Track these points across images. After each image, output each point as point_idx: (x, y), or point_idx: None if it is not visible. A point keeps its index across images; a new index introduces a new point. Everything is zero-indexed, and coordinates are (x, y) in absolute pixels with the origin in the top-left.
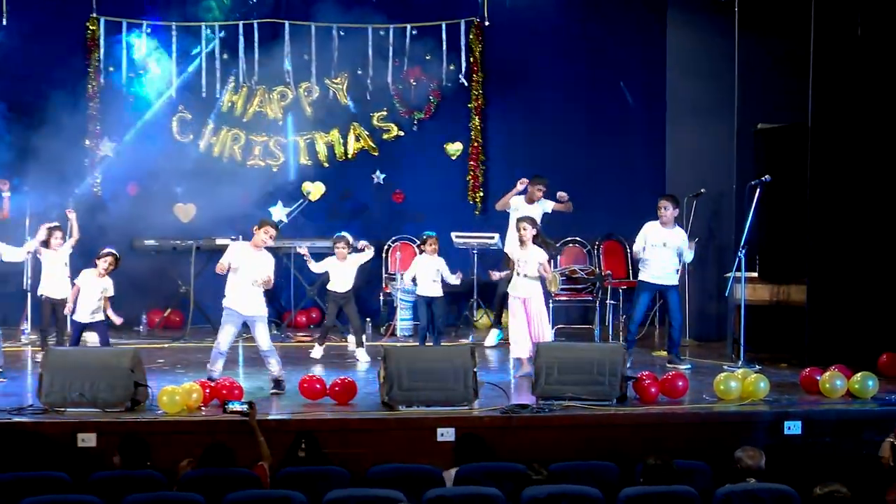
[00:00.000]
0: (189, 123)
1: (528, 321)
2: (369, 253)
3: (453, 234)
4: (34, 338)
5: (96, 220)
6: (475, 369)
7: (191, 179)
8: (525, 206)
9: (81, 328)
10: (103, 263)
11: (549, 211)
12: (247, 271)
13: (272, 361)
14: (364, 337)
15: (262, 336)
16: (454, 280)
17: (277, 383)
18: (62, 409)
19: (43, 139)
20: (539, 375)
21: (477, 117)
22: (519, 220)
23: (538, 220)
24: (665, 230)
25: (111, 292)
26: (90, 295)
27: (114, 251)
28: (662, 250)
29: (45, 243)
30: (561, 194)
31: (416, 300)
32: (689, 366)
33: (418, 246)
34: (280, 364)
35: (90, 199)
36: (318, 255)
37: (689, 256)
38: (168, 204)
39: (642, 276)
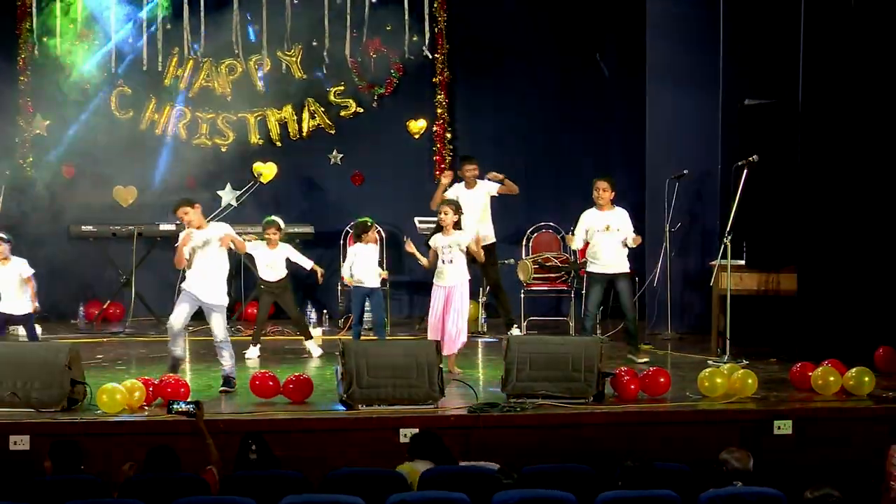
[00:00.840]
0: (130, 99)
1: (444, 312)
2: (307, 264)
3: (416, 220)
4: None
5: (28, 205)
6: (441, 365)
7: (132, 160)
8: (466, 193)
9: (4, 320)
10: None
11: (496, 194)
12: (200, 253)
13: (225, 355)
14: (320, 330)
15: (218, 325)
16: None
17: (227, 380)
18: None
19: None
20: (510, 371)
21: (442, 92)
22: (441, 204)
23: (486, 205)
24: (606, 214)
25: (27, 272)
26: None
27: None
28: (607, 235)
29: None
30: (492, 174)
31: (352, 292)
32: (645, 359)
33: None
34: (233, 359)
35: (21, 182)
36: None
37: (630, 241)
38: (107, 187)
39: (591, 268)
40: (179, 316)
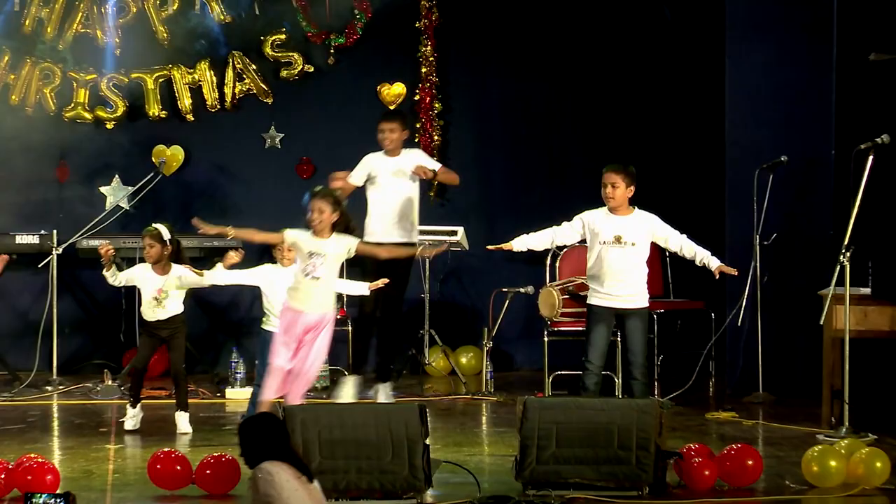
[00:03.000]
0: None
1: (296, 350)
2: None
3: None
4: None
5: None
6: (427, 440)
7: None
8: (386, 164)
9: None
10: None
11: (427, 176)
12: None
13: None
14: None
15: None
16: None
17: None
18: None
19: None
20: (527, 449)
21: (429, 44)
22: (315, 195)
23: (414, 187)
24: (618, 218)
25: None
26: None
27: None
28: (618, 251)
29: None
30: (418, 167)
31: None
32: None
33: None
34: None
35: None
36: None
37: (713, 267)
38: None
39: (592, 298)
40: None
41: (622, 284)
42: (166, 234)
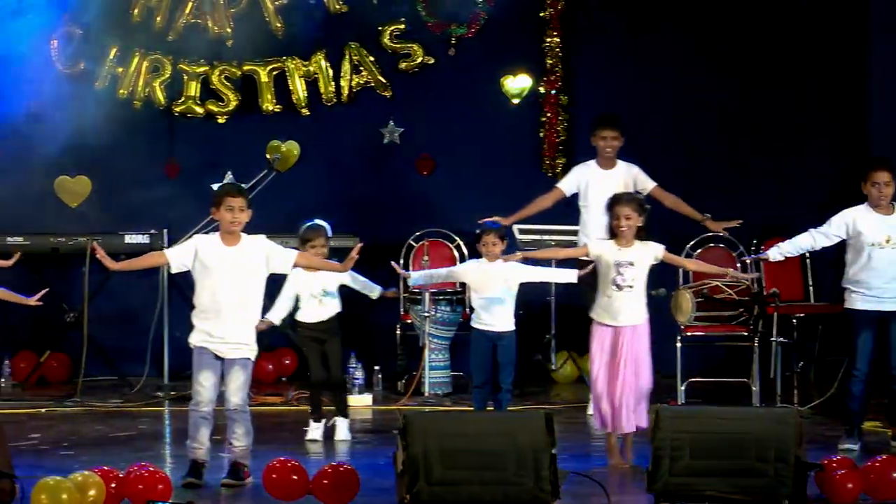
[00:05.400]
0: (80, 45)
1: (612, 366)
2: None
3: (516, 227)
4: None
5: None
6: (554, 450)
7: (82, 136)
8: (603, 176)
9: None
10: None
11: (643, 189)
12: (222, 281)
13: (239, 430)
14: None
15: (239, 387)
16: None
17: (235, 470)
18: None
19: None
20: (660, 460)
21: (555, 34)
22: (620, 201)
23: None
24: (884, 217)
25: None
26: None
27: None
28: (889, 252)
29: None
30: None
31: (474, 338)
32: (852, 445)
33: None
34: (250, 434)
35: None
36: None
37: None
38: (46, 178)
39: (854, 302)
40: (206, 390)
41: (892, 287)
42: (329, 231)
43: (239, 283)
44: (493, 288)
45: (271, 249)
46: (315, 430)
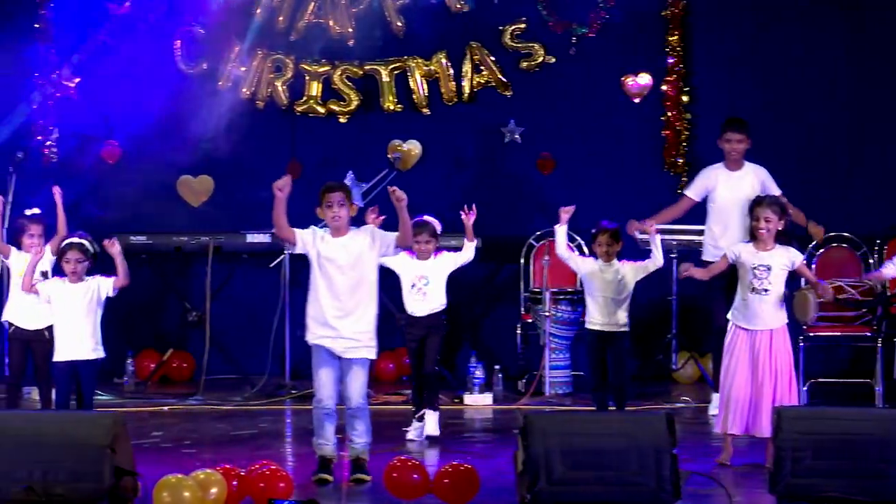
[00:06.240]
0: (202, 45)
1: (754, 371)
2: (468, 252)
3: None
4: None
5: (50, 202)
6: (674, 450)
7: (205, 135)
8: (730, 178)
9: (70, 373)
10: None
11: (774, 189)
12: (335, 276)
13: (359, 427)
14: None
15: (358, 385)
16: None
17: (359, 466)
18: None
19: None
20: (782, 461)
21: (676, 34)
22: (756, 202)
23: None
24: None
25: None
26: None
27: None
28: None
29: (17, 241)
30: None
31: (588, 338)
32: None
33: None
34: (370, 432)
35: (38, 168)
36: None
37: None
38: (168, 176)
39: None
40: (326, 388)
41: None
42: (438, 227)
43: (351, 277)
44: (606, 288)
45: (375, 231)
46: (414, 430)
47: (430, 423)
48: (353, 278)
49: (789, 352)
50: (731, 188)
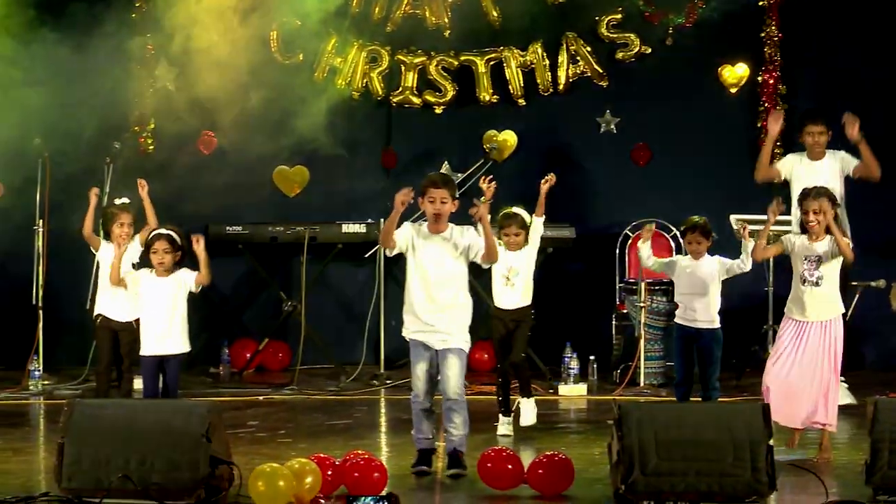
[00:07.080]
0: (298, 35)
1: (796, 361)
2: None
3: (733, 218)
4: (49, 384)
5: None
6: (770, 441)
7: (301, 126)
8: (809, 167)
9: (156, 367)
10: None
11: (853, 175)
12: (430, 270)
13: (457, 419)
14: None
15: (454, 377)
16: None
17: (456, 459)
18: (95, 501)
19: (68, 58)
20: (879, 453)
21: (773, 24)
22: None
23: (839, 189)
24: None
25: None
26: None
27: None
28: None
29: (106, 232)
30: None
31: (676, 333)
32: None
33: (682, 238)
34: (467, 425)
35: (135, 159)
36: None
37: None
38: (263, 167)
39: None
40: (421, 382)
41: None
42: (528, 219)
43: (445, 272)
44: (695, 284)
45: (473, 239)
46: (504, 426)
47: (527, 411)
48: (447, 273)
49: (839, 344)
50: (808, 178)
